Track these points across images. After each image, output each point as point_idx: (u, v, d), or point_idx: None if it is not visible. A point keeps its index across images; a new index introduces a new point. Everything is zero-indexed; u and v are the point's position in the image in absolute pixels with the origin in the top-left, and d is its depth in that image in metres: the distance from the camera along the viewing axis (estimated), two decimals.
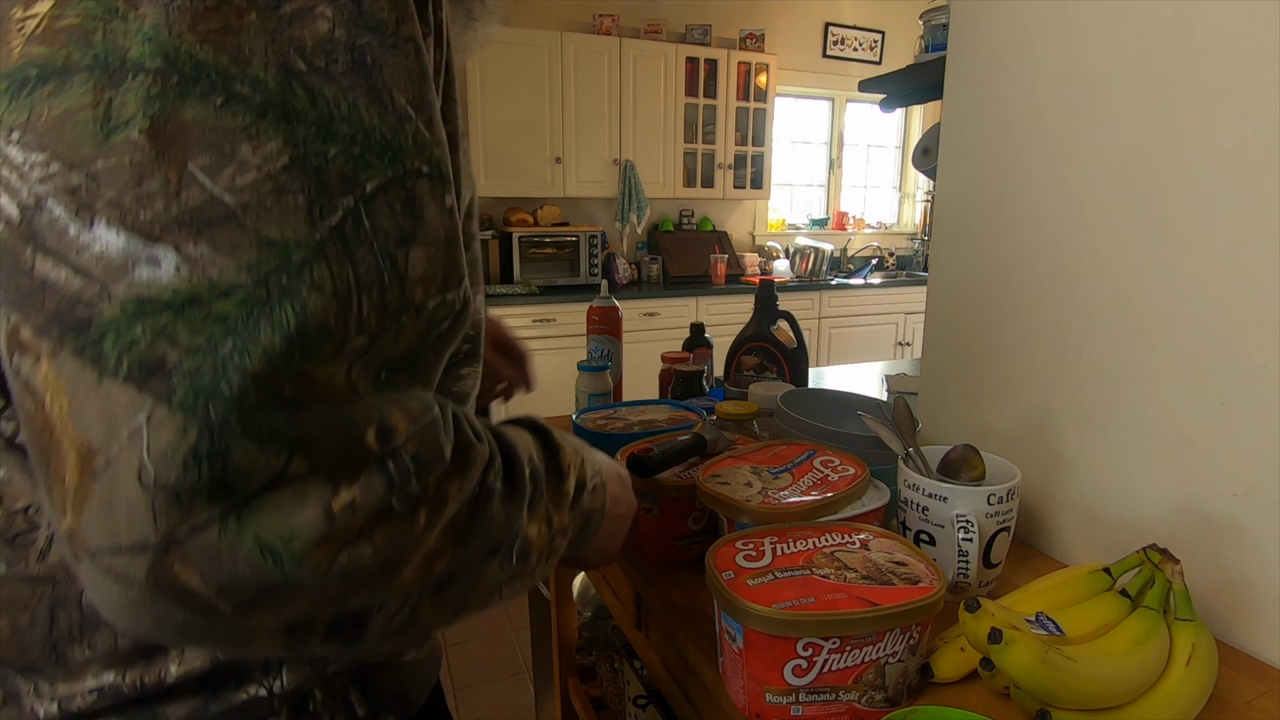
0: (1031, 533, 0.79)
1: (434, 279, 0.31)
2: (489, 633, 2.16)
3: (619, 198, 3.74)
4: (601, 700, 1.14)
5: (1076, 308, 0.73)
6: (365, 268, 0.28)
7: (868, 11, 4.39)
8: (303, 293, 0.27)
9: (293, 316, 0.26)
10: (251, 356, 0.25)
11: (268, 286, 0.26)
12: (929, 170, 1.13)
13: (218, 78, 0.26)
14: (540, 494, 0.40)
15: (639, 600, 0.73)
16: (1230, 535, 0.62)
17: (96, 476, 0.25)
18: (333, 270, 0.27)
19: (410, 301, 0.30)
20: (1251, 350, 0.59)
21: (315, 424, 0.27)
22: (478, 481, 0.34)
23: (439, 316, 0.32)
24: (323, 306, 0.27)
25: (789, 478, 0.66)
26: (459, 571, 0.34)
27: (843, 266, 4.55)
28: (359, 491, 0.28)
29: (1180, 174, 0.63)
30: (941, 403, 0.91)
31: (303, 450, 0.27)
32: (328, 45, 0.28)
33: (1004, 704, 0.52)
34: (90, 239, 0.25)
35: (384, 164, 0.29)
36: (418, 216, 0.30)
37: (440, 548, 0.32)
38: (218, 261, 0.26)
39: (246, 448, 0.25)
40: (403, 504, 0.29)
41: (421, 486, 0.30)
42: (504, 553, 0.36)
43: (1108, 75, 0.69)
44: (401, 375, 0.31)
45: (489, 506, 0.34)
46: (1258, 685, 0.56)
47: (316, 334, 0.27)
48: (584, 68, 3.48)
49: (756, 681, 0.49)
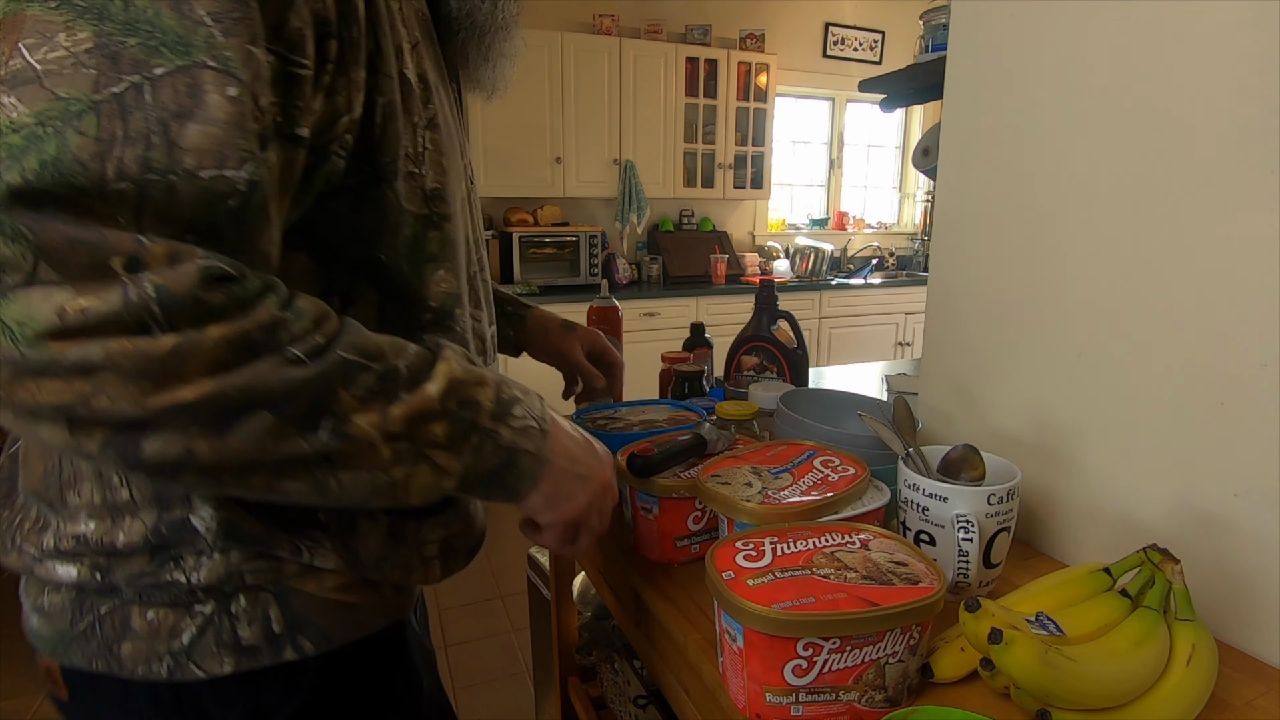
0: (1031, 533, 0.79)
1: (209, 152, 0.37)
2: (489, 633, 2.16)
3: (619, 198, 3.74)
4: (601, 700, 1.14)
5: (1076, 308, 0.73)
6: (135, 127, 0.36)
7: (868, 11, 4.39)
8: (68, 134, 0.35)
9: (54, 148, 0.34)
10: (13, 172, 0.34)
11: (44, 126, 0.34)
12: (929, 170, 1.13)
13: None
14: (389, 394, 0.43)
15: (639, 600, 0.73)
16: (1230, 535, 0.62)
17: None
18: (101, 122, 0.35)
19: (178, 164, 0.37)
20: (1251, 350, 0.59)
21: (60, 237, 0.34)
22: (263, 327, 0.39)
23: (220, 189, 0.38)
24: (80, 145, 0.35)
25: (789, 478, 0.66)
26: (233, 407, 0.38)
27: (843, 266, 4.55)
28: (94, 301, 0.34)
29: (1180, 173, 0.63)
30: (941, 403, 0.91)
31: (48, 257, 0.34)
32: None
33: (1004, 704, 0.52)
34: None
35: (174, 55, 0.37)
36: (198, 99, 0.37)
37: (193, 374, 0.37)
38: (18, 109, 0.35)
39: (11, 245, 0.34)
40: (134, 320, 0.35)
41: (161, 311, 0.36)
42: (292, 417, 0.40)
43: (1108, 75, 0.69)
44: (211, 244, 0.38)
45: (263, 361, 0.39)
46: (1258, 685, 0.56)
47: (71, 165, 0.34)
48: (584, 68, 3.48)
49: (756, 681, 0.49)
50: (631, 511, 0.74)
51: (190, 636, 0.49)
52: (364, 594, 0.55)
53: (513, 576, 2.48)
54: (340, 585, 0.53)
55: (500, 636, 2.14)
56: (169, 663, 0.49)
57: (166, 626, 0.49)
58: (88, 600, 0.50)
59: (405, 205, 0.51)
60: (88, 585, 0.49)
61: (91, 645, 0.50)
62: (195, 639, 0.49)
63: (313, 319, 0.42)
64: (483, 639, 2.13)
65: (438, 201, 0.53)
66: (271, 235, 0.42)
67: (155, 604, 0.49)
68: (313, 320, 0.42)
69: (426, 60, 0.54)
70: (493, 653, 2.07)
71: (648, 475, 0.69)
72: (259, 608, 0.50)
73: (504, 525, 2.88)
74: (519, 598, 2.34)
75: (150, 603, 0.49)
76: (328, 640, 0.53)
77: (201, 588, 0.49)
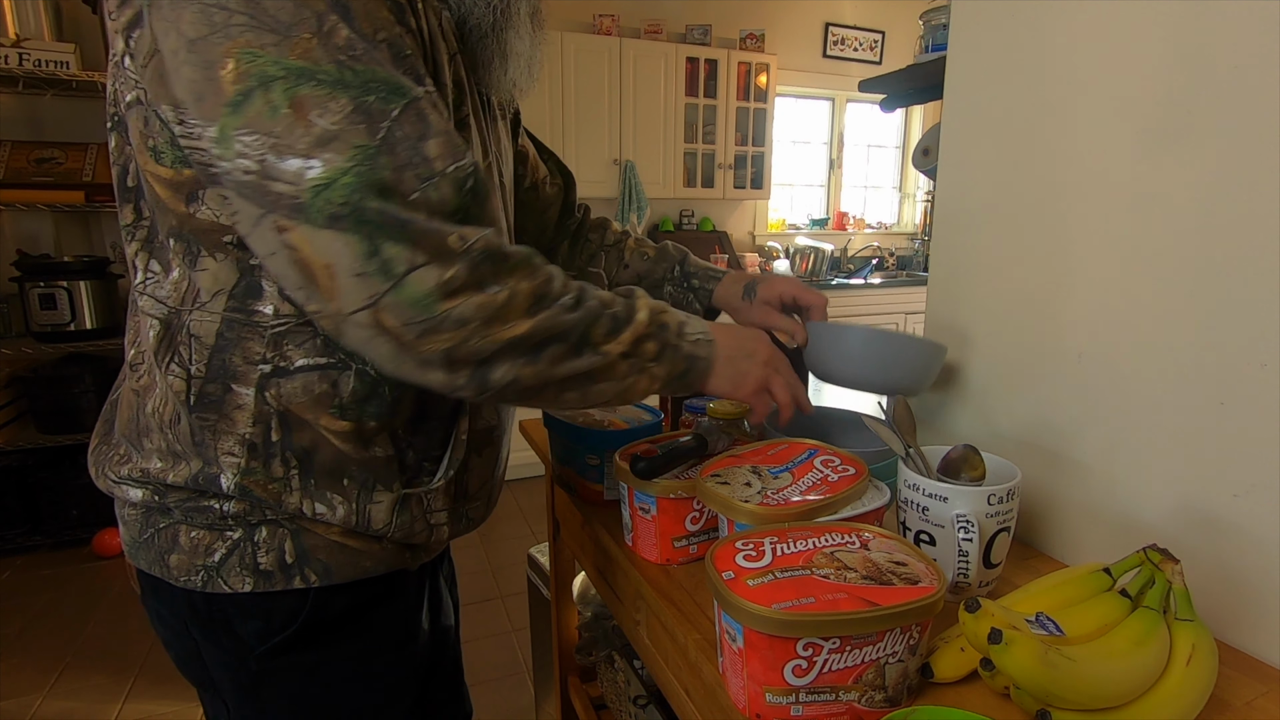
0: (1031, 533, 0.79)
1: (445, 154, 0.52)
2: (489, 633, 2.16)
3: (619, 198, 3.74)
4: (601, 700, 1.14)
5: (1076, 308, 0.73)
6: (403, 155, 0.50)
7: (868, 11, 4.39)
8: (379, 170, 0.49)
9: (377, 180, 0.49)
10: (372, 198, 0.48)
11: (364, 165, 0.48)
12: (929, 170, 1.13)
13: (308, 73, 0.48)
14: (619, 327, 0.60)
15: (639, 600, 0.73)
16: (1230, 535, 0.62)
17: (335, 278, 0.49)
18: (387, 158, 0.49)
19: (433, 169, 0.51)
20: (1251, 350, 0.59)
21: (417, 231, 0.49)
22: (543, 284, 0.56)
23: (460, 176, 0.52)
24: (388, 176, 0.49)
25: (789, 477, 0.66)
26: (540, 341, 0.55)
27: (843, 267, 4.55)
28: (454, 269, 0.50)
29: (1180, 173, 0.63)
30: (941, 403, 0.91)
31: (418, 247, 0.49)
32: (350, 44, 0.49)
33: (1004, 704, 0.52)
34: (288, 166, 0.48)
35: (398, 98, 0.50)
36: (425, 121, 0.51)
37: (516, 318, 0.53)
38: (337, 159, 0.48)
39: (390, 249, 0.49)
40: (479, 281, 0.51)
41: (492, 270, 0.52)
42: (573, 345, 0.57)
43: (1108, 75, 0.69)
44: (472, 220, 0.53)
45: (552, 307, 0.55)
46: (1258, 685, 0.56)
47: (393, 188, 0.49)
48: (584, 68, 3.48)
49: (756, 681, 0.49)
50: (629, 512, 0.74)
51: (221, 555, 0.61)
52: (365, 542, 0.65)
53: (513, 576, 2.48)
54: (344, 532, 0.63)
55: (500, 636, 2.14)
56: (203, 576, 0.61)
57: (203, 545, 0.61)
58: (151, 516, 0.62)
59: None
60: (151, 505, 0.62)
61: (151, 553, 0.63)
62: (224, 558, 0.61)
63: (563, 277, 0.58)
64: (483, 639, 2.13)
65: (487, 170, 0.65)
66: (496, 200, 0.60)
67: (197, 525, 0.61)
68: (563, 277, 0.58)
69: (463, 67, 0.64)
70: (493, 653, 2.07)
71: (651, 476, 0.69)
72: (277, 540, 0.61)
73: (504, 525, 2.88)
74: (519, 598, 2.34)
75: (193, 524, 0.61)
76: (330, 575, 0.63)
77: (231, 515, 0.60)
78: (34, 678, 1.91)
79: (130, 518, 0.64)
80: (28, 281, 2.47)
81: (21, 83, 2.50)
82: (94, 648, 2.04)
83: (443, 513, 0.68)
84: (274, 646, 0.63)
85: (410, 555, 0.69)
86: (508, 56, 0.65)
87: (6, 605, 2.25)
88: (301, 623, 0.63)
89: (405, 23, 0.54)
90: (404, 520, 0.65)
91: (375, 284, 0.49)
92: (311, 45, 0.48)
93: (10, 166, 2.54)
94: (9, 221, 2.72)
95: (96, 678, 1.91)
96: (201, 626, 0.64)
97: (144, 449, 0.62)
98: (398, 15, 0.53)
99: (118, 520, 0.67)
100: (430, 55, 0.58)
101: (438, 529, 0.68)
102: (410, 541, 0.67)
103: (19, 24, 2.45)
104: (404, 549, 0.68)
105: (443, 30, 0.60)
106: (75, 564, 2.51)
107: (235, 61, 0.47)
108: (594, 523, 0.83)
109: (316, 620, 0.64)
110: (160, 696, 1.84)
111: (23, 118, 2.68)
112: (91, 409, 2.57)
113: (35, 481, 2.55)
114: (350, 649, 0.66)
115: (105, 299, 2.58)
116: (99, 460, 0.66)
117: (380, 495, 0.63)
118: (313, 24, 0.48)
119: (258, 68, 0.47)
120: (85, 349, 2.61)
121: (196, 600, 0.62)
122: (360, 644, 0.67)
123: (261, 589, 0.61)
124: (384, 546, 0.66)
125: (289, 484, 0.60)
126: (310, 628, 0.64)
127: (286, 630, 0.63)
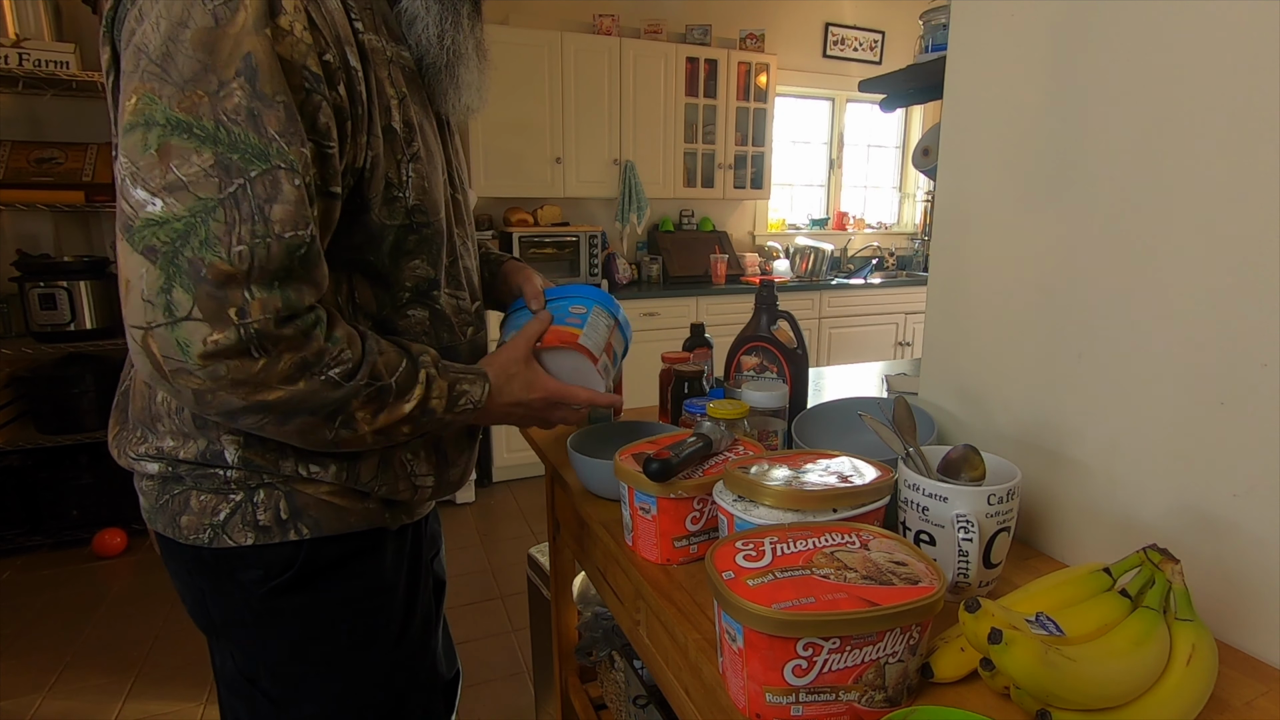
0: (1031, 533, 0.79)
1: (288, 221, 0.58)
2: (489, 633, 2.16)
3: (619, 198, 3.74)
4: (601, 700, 1.14)
5: (1076, 308, 0.73)
6: (244, 211, 0.57)
7: (868, 11, 4.39)
8: (210, 222, 0.56)
9: (204, 233, 0.56)
10: (189, 248, 0.56)
11: (196, 218, 0.56)
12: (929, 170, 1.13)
13: (185, 126, 0.56)
14: (381, 404, 0.67)
15: (639, 600, 0.73)
16: (1230, 535, 0.62)
17: (129, 293, 0.57)
18: (226, 213, 0.56)
19: (271, 231, 0.58)
20: (1251, 350, 0.59)
21: (205, 292, 0.56)
22: (313, 356, 0.61)
23: (294, 244, 0.59)
24: (219, 227, 0.56)
25: (815, 479, 0.66)
26: (291, 410, 0.62)
27: (843, 266, 4.55)
28: (221, 335, 0.57)
29: (1180, 174, 0.63)
30: (941, 403, 0.91)
31: (198, 304, 0.56)
32: (237, 109, 0.57)
33: (1004, 704, 0.52)
34: (135, 195, 0.56)
35: (260, 162, 0.58)
36: (278, 189, 0.58)
37: (271, 385, 0.60)
38: (176, 206, 0.56)
39: (178, 294, 0.56)
40: (242, 349, 0.58)
41: (259, 341, 0.58)
42: (324, 417, 0.64)
43: (1107, 75, 0.69)
44: (291, 282, 0.60)
45: (313, 380, 0.62)
46: (1258, 685, 0.56)
47: (212, 241, 0.56)
48: (584, 68, 3.48)
49: (756, 681, 0.49)
50: (630, 512, 0.74)
51: (225, 514, 0.71)
52: (350, 500, 0.75)
53: (513, 576, 2.48)
54: (331, 491, 0.73)
55: (500, 636, 2.14)
56: (210, 533, 0.71)
57: (210, 507, 0.71)
58: (166, 485, 0.73)
59: (386, 222, 0.70)
60: (166, 475, 0.72)
61: (166, 516, 0.73)
62: (229, 516, 0.71)
63: (345, 344, 0.64)
64: (483, 639, 2.13)
65: (417, 213, 0.72)
66: (323, 268, 0.63)
67: (205, 490, 0.71)
68: (345, 346, 0.64)
69: (412, 106, 0.71)
70: (493, 653, 2.07)
71: (665, 478, 0.69)
72: (273, 499, 0.72)
73: (504, 525, 2.88)
74: (519, 598, 2.34)
75: (202, 489, 0.71)
76: (319, 528, 0.73)
77: (234, 480, 0.71)
78: (34, 678, 1.91)
79: (148, 488, 0.75)
80: (28, 281, 2.48)
81: (21, 83, 2.50)
82: (94, 648, 2.04)
83: (428, 477, 0.80)
84: (271, 589, 0.74)
85: (390, 515, 0.79)
86: (460, 87, 0.77)
87: (6, 605, 2.25)
88: (296, 569, 0.74)
89: (320, 90, 0.61)
90: (388, 477, 0.76)
91: (154, 314, 0.56)
92: (200, 101, 0.56)
93: (10, 166, 2.54)
94: (9, 221, 2.72)
95: (96, 678, 1.91)
96: (209, 577, 0.74)
97: (158, 431, 0.72)
98: (312, 84, 0.61)
99: (137, 493, 0.77)
100: (368, 111, 0.66)
101: (421, 489, 0.79)
102: (394, 498, 0.78)
103: (19, 24, 2.45)
104: (385, 506, 0.78)
105: (391, 79, 0.69)
106: (75, 564, 2.51)
107: (137, 99, 0.56)
108: (594, 523, 0.83)
109: (309, 568, 0.74)
110: (160, 697, 1.84)
111: (23, 118, 2.68)
112: (91, 409, 2.57)
113: (35, 481, 2.55)
114: (337, 593, 0.77)
115: (105, 299, 2.58)
116: (120, 443, 0.76)
117: (366, 454, 0.74)
118: (211, 85, 0.56)
119: (147, 110, 0.56)
120: (85, 349, 2.61)
121: (205, 555, 0.73)
122: (345, 589, 0.77)
123: (261, 541, 0.72)
124: (367, 505, 0.76)
125: (285, 449, 0.70)
126: (303, 574, 0.74)
127: (283, 576, 0.74)
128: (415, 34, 0.73)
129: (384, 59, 0.68)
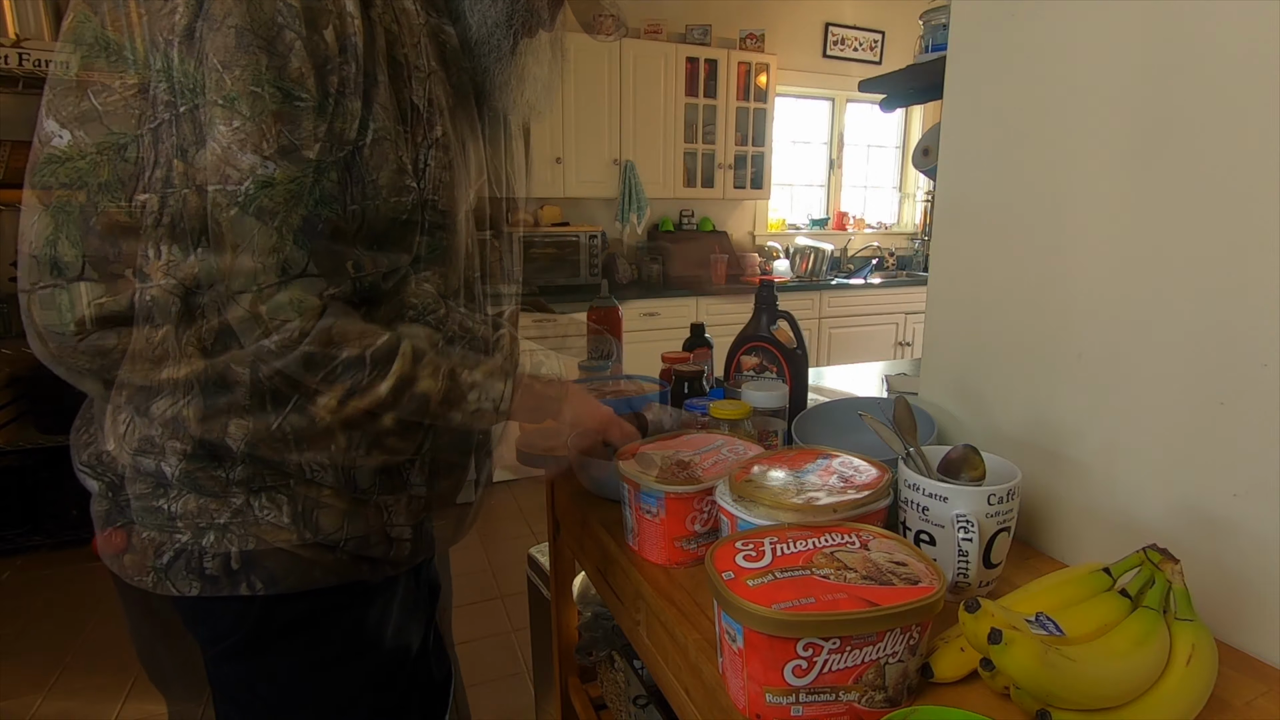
0: (1031, 533, 0.79)
1: (214, 170, 0.51)
2: (489, 633, 2.16)
3: (619, 198, 3.74)
4: (601, 700, 1.14)
5: (1076, 308, 0.73)
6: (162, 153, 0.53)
7: (868, 11, 4.39)
8: (117, 162, 0.54)
9: (106, 173, 0.53)
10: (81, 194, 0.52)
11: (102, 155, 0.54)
12: (929, 170, 1.13)
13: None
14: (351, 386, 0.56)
15: (639, 600, 0.73)
16: (1230, 535, 0.62)
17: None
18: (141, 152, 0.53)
19: (191, 181, 0.53)
20: (1251, 350, 0.59)
21: (95, 247, 0.52)
22: (237, 325, 0.53)
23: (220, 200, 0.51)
24: (122, 169, 0.53)
25: (817, 479, 0.66)
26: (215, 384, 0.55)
27: (843, 266, 4.55)
28: (111, 300, 0.52)
29: (1180, 174, 0.63)
30: (942, 403, 0.91)
31: (92, 262, 0.52)
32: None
33: (1004, 704, 0.52)
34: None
35: (192, 97, 0.52)
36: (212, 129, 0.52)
37: (185, 358, 0.53)
38: (85, 140, 0.53)
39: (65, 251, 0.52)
40: (142, 314, 0.52)
41: (156, 311, 0.53)
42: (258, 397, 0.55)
43: (1107, 75, 0.69)
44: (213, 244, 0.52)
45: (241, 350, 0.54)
46: (1258, 685, 0.56)
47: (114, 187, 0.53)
48: (584, 68, 3.48)
49: (756, 682, 0.49)
50: (632, 513, 0.74)
51: (169, 558, 0.60)
52: (315, 551, 0.62)
53: (513, 576, 2.48)
54: (293, 540, 0.60)
55: (500, 636, 2.14)
56: (153, 578, 0.61)
57: (153, 546, 0.61)
58: (110, 516, 0.63)
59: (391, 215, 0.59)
60: (108, 504, 0.63)
61: (109, 551, 0.64)
62: (172, 561, 0.60)
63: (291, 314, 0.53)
64: (483, 639, 2.13)
65: (430, 210, 0.61)
66: (268, 240, 0.52)
67: (148, 526, 0.61)
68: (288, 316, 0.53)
69: (438, 86, 0.61)
70: (493, 653, 2.07)
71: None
72: (224, 545, 0.60)
73: (504, 525, 2.88)
74: (519, 598, 2.34)
75: (145, 525, 0.61)
76: (275, 584, 0.61)
77: (180, 516, 0.60)
78: (34, 678, 1.91)
79: (96, 514, 0.67)
80: None
81: (21, 83, 2.50)
82: (94, 648, 2.04)
83: (405, 528, 0.65)
84: (220, 652, 0.62)
85: (369, 568, 0.65)
86: (524, 79, 0.68)
87: (6, 605, 2.25)
88: (246, 632, 0.61)
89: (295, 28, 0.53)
90: (356, 527, 0.62)
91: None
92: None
93: (10, 166, 2.54)
94: (9, 221, 2.72)
95: (96, 678, 1.91)
96: (155, 626, 0.66)
97: (149, 416, 0.66)
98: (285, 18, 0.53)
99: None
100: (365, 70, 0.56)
101: (399, 544, 0.65)
102: (366, 554, 0.64)
103: (19, 24, 2.45)
104: (360, 561, 0.64)
105: (421, 47, 0.60)
106: (75, 564, 2.51)
107: None
108: (594, 523, 0.83)
109: (260, 630, 0.62)
110: (160, 697, 1.84)
111: (23, 118, 2.68)
112: None
113: (35, 481, 2.55)
114: (303, 658, 0.64)
115: None
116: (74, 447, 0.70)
117: (328, 499, 0.61)
118: None
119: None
120: None
121: (152, 601, 0.62)
122: (315, 654, 0.64)
123: (208, 594, 0.60)
124: (337, 557, 0.63)
125: (232, 472, 0.59)
126: (255, 636, 0.62)
127: (231, 639, 0.62)
128: (477, 10, 0.63)
129: (415, 24, 0.60)
